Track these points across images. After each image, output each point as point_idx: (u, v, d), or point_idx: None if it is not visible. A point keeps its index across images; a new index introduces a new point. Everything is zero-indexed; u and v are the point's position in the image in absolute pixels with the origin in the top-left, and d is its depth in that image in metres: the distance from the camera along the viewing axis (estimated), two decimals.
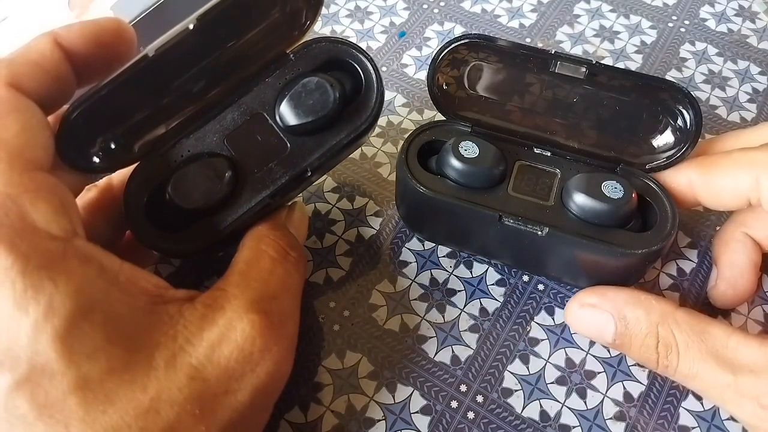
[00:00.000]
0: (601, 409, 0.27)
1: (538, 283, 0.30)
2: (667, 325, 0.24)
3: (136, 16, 0.31)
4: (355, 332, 0.29)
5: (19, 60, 0.21)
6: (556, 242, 0.26)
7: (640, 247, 0.25)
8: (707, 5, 0.42)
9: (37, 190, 0.20)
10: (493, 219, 0.26)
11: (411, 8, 0.41)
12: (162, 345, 0.20)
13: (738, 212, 0.29)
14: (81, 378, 0.19)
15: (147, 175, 0.24)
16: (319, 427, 0.26)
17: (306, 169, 0.25)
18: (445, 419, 0.27)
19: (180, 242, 0.24)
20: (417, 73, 0.38)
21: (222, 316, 0.21)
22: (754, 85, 0.38)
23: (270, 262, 0.24)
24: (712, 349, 0.23)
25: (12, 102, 0.20)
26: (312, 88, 0.26)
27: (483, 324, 0.29)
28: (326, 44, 0.27)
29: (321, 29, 0.40)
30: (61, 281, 0.19)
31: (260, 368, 0.21)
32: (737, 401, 0.23)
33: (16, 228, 0.19)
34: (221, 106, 0.26)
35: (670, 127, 0.27)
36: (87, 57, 0.22)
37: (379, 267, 0.31)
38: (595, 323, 0.26)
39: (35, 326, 0.18)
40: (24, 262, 0.18)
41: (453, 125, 0.29)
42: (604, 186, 0.26)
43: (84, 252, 0.20)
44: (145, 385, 0.19)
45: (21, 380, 0.18)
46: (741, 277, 0.28)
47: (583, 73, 0.27)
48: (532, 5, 0.42)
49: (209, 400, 0.20)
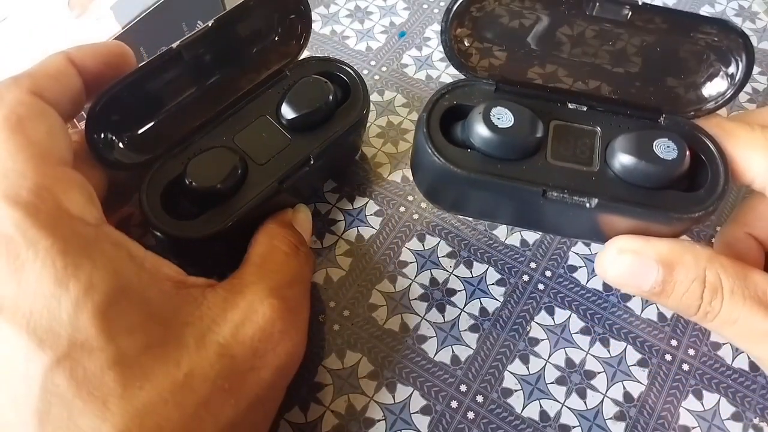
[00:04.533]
0: (601, 409, 0.27)
1: (538, 283, 0.30)
2: (715, 269, 0.24)
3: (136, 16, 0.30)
4: (355, 332, 0.29)
5: (39, 73, 0.23)
6: (605, 211, 0.24)
7: (694, 210, 0.23)
8: (707, 5, 0.42)
9: (69, 181, 0.21)
10: (536, 194, 0.23)
11: (411, 8, 0.41)
12: (191, 324, 0.21)
13: (739, 212, 0.29)
14: (119, 354, 0.19)
15: (162, 171, 0.27)
16: (319, 427, 0.26)
17: (309, 157, 0.28)
18: (445, 419, 0.26)
19: (196, 228, 0.25)
20: (417, 73, 0.38)
21: (243, 299, 0.23)
22: (754, 85, 0.38)
23: (283, 256, 0.26)
24: (755, 294, 0.23)
25: (37, 107, 0.22)
26: (309, 83, 0.29)
27: (483, 324, 0.29)
28: (316, 61, 0.31)
29: (321, 29, 0.40)
30: (99, 261, 0.20)
31: (280, 348, 0.23)
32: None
33: (53, 214, 0.20)
34: (228, 114, 0.29)
35: (718, 69, 0.25)
36: (95, 74, 0.25)
37: (379, 267, 0.31)
38: (634, 269, 0.24)
39: (76, 303, 0.19)
40: (63, 242, 0.19)
41: (475, 84, 0.26)
42: (657, 145, 0.23)
43: (114, 237, 0.22)
44: (179, 362, 0.20)
45: (61, 357, 0.19)
46: None
47: (624, 15, 0.24)
48: None
49: (237, 375, 0.21)
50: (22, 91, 0.22)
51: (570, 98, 0.25)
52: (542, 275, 0.30)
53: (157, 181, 0.26)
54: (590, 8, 0.24)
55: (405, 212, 0.32)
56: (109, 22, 0.31)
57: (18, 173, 0.20)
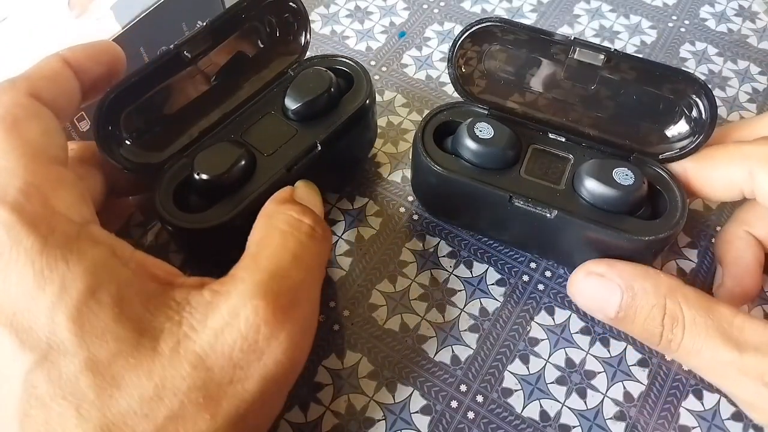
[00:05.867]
0: (601, 409, 0.27)
1: (538, 283, 0.30)
2: (675, 298, 0.24)
3: (136, 16, 0.30)
4: (355, 332, 0.29)
5: (36, 75, 0.23)
6: (565, 226, 0.26)
7: (648, 234, 0.25)
8: (707, 5, 0.42)
9: (59, 180, 0.21)
10: (503, 200, 0.26)
11: (411, 8, 0.41)
12: (167, 330, 0.20)
13: (739, 211, 0.29)
14: (91, 359, 0.19)
15: (173, 171, 0.27)
16: (319, 427, 0.26)
17: (315, 143, 0.28)
18: (445, 419, 0.26)
19: (206, 218, 0.26)
20: (417, 73, 0.38)
21: (226, 302, 0.21)
22: (754, 85, 0.38)
23: (280, 236, 0.23)
24: (718, 325, 0.23)
25: (33, 108, 0.22)
26: (309, 74, 0.30)
27: (483, 324, 0.29)
28: (318, 59, 0.32)
29: (321, 29, 0.40)
30: (72, 260, 0.20)
31: (267, 357, 0.21)
32: (739, 379, 0.23)
33: (38, 212, 0.20)
34: (236, 116, 0.29)
35: (685, 117, 0.27)
36: (89, 74, 0.25)
37: (379, 267, 0.31)
38: (599, 293, 0.26)
39: (51, 305, 0.19)
40: (42, 242, 0.19)
41: (470, 107, 0.29)
42: (616, 172, 0.26)
43: (96, 236, 0.21)
44: (150, 371, 0.19)
45: (40, 359, 0.19)
46: (747, 275, 0.28)
47: (601, 60, 0.27)
48: (532, 5, 0.42)
49: (213, 389, 0.20)
50: (19, 93, 0.22)
51: (551, 129, 0.29)
52: (542, 275, 0.30)
53: (169, 180, 0.27)
54: (572, 52, 0.27)
55: (405, 212, 0.32)
56: (109, 22, 0.30)
57: (9, 171, 0.20)
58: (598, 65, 0.27)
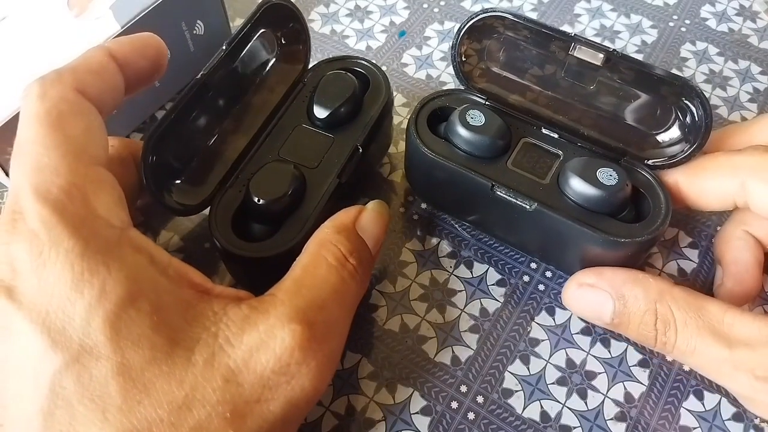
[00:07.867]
0: (601, 410, 0.27)
1: (539, 284, 0.30)
2: (665, 301, 0.24)
3: (136, 15, 0.30)
4: (355, 332, 0.29)
5: (82, 68, 0.23)
6: (544, 220, 0.26)
7: (627, 236, 0.25)
8: (708, 5, 0.42)
9: (100, 182, 0.21)
10: (486, 188, 0.26)
11: (411, 7, 0.41)
12: (203, 341, 0.20)
13: (738, 211, 0.29)
14: (124, 364, 0.19)
15: (224, 202, 0.27)
16: (319, 428, 0.26)
17: (357, 147, 0.28)
18: (445, 420, 0.26)
19: (277, 244, 0.25)
20: (417, 72, 0.38)
21: (264, 321, 0.21)
22: (755, 84, 0.38)
23: (326, 269, 0.23)
24: (708, 324, 0.24)
25: (79, 105, 0.22)
26: (331, 80, 0.30)
27: (483, 324, 0.29)
28: (326, 63, 0.31)
29: (321, 29, 0.40)
30: (114, 267, 0.20)
31: (295, 382, 0.21)
32: (733, 374, 0.23)
33: (80, 214, 0.20)
34: (265, 136, 0.29)
35: (679, 124, 0.27)
36: (133, 68, 0.24)
37: (380, 267, 0.30)
38: (593, 303, 0.26)
39: (89, 308, 0.19)
40: (84, 245, 0.19)
41: (468, 95, 0.29)
42: (600, 172, 0.26)
43: (137, 242, 0.21)
44: (182, 380, 0.19)
45: (71, 361, 0.19)
46: (747, 274, 0.28)
47: (600, 59, 0.26)
48: (533, 4, 0.42)
49: (241, 405, 0.20)
50: (66, 88, 0.22)
51: (544, 124, 0.29)
52: (542, 276, 0.30)
53: (222, 214, 0.26)
54: (572, 48, 0.27)
55: (405, 212, 0.32)
56: (109, 22, 0.30)
57: (52, 169, 0.20)
58: (597, 64, 0.27)
